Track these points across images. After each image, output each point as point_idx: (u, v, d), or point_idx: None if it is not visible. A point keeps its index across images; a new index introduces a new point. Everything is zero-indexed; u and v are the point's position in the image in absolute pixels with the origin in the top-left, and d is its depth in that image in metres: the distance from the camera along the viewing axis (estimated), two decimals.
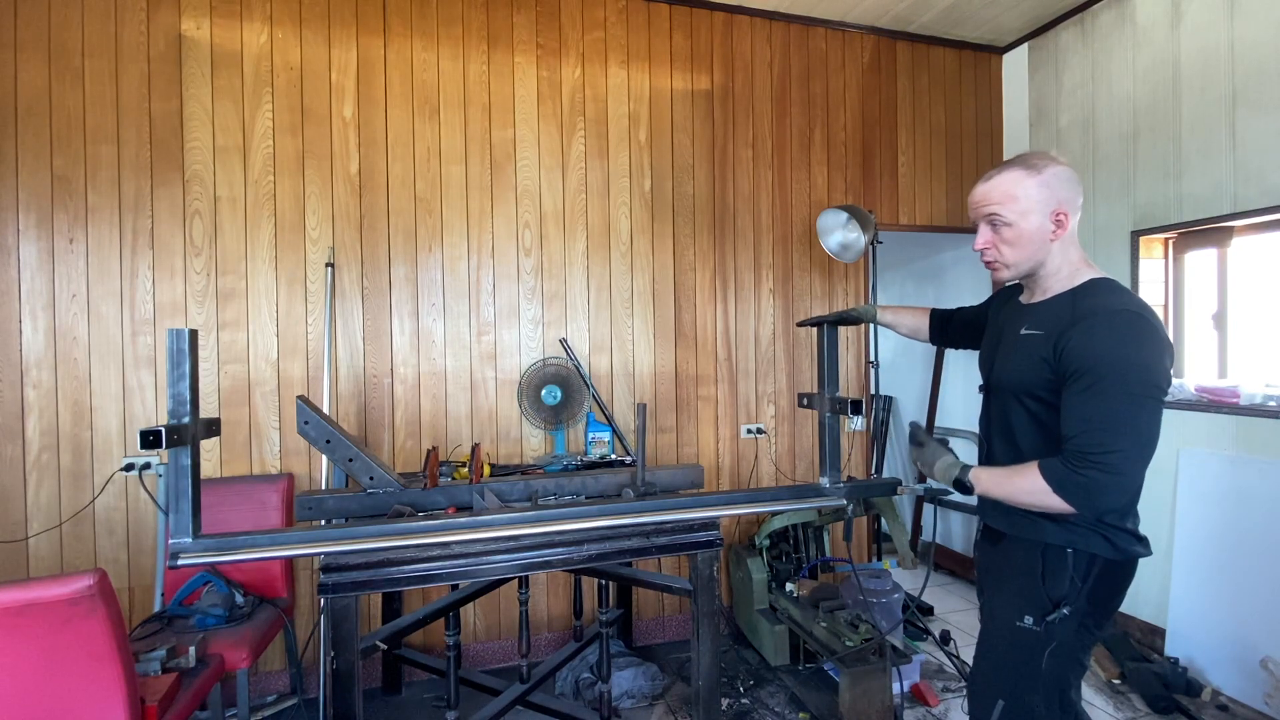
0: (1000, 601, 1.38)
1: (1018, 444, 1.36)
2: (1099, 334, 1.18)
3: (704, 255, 3.16)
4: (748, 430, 3.21)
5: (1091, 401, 1.17)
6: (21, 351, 2.37)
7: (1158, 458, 2.96)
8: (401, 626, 2.26)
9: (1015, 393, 1.34)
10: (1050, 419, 1.28)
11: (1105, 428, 1.15)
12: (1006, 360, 1.38)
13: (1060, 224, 1.30)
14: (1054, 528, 1.30)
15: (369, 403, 2.71)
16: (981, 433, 1.52)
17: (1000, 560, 1.42)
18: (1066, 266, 1.34)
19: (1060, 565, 1.29)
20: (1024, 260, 1.34)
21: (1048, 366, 1.25)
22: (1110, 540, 1.27)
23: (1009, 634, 1.33)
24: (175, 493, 1.46)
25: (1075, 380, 1.19)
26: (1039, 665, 1.29)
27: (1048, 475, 1.20)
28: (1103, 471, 1.15)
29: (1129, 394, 1.15)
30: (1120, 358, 1.15)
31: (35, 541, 2.38)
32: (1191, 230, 2.80)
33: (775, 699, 2.56)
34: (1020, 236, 1.31)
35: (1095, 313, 1.21)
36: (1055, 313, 1.30)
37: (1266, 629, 2.39)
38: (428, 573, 1.66)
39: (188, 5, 2.53)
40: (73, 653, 1.44)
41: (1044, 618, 1.29)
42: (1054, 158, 1.33)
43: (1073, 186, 1.32)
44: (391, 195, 2.74)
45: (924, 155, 3.53)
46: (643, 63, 3.06)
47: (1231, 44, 2.59)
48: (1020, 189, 1.30)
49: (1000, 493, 1.29)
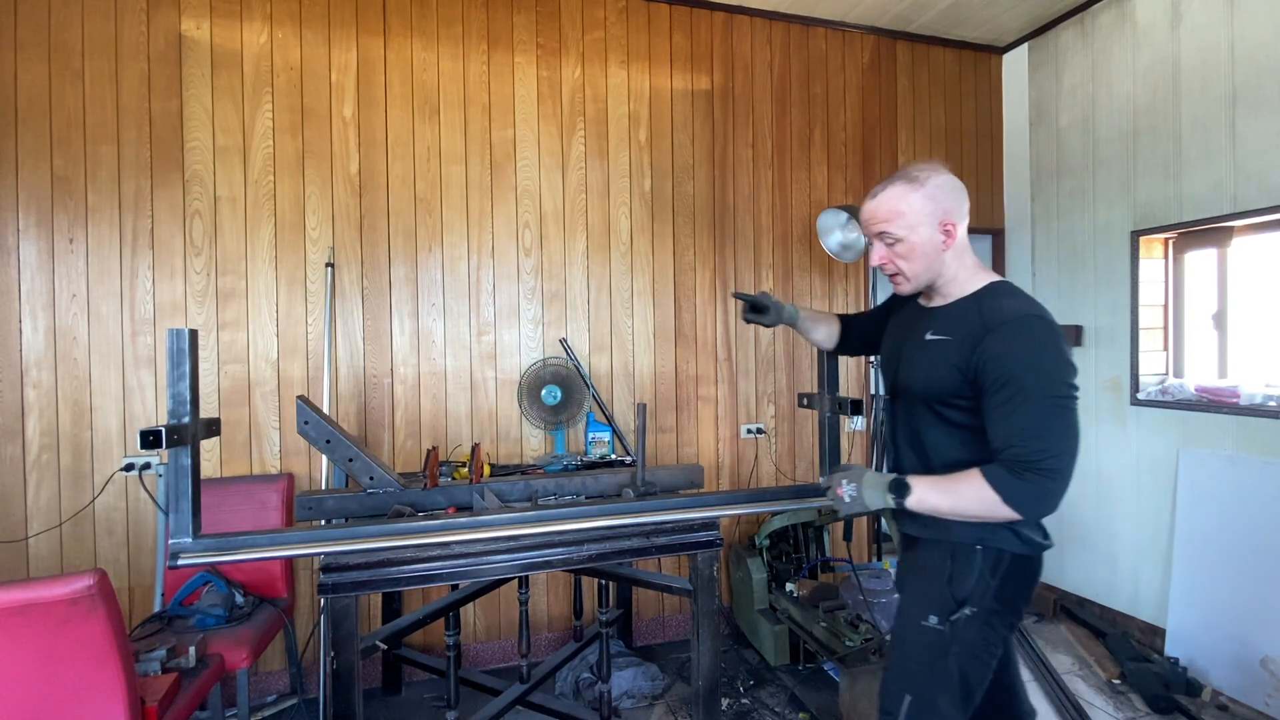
0: (908, 600, 1.40)
1: (925, 450, 1.35)
2: (1014, 342, 1.19)
3: (704, 255, 3.15)
4: (748, 430, 3.21)
5: (1021, 411, 1.17)
6: (21, 351, 2.37)
7: (1158, 458, 2.97)
8: (401, 626, 2.26)
9: (923, 399, 1.33)
10: (960, 421, 1.29)
11: (1040, 434, 1.16)
12: (914, 368, 1.36)
13: (949, 233, 1.32)
14: (962, 526, 1.29)
15: (369, 403, 2.71)
16: (889, 440, 1.50)
17: (912, 563, 1.44)
18: (963, 272, 1.36)
19: (969, 563, 1.30)
20: (922, 272, 1.35)
21: (960, 374, 1.25)
22: (1018, 535, 1.29)
23: (916, 632, 1.34)
24: (175, 493, 1.46)
25: (999, 390, 1.20)
26: (944, 664, 1.29)
27: (996, 485, 1.18)
28: (1048, 477, 1.15)
29: (1054, 399, 1.17)
30: (1039, 365, 1.18)
31: (35, 541, 2.38)
32: (1191, 230, 2.80)
33: (775, 699, 2.56)
34: (913, 250, 1.33)
35: (1005, 320, 1.22)
36: (962, 318, 1.30)
37: (1266, 629, 2.39)
38: (428, 573, 1.66)
39: (188, 5, 2.53)
40: (73, 653, 1.44)
41: (948, 617, 1.29)
42: (936, 168, 1.34)
43: (957, 195, 1.33)
44: (391, 195, 2.74)
45: (924, 155, 3.53)
46: (643, 63, 3.06)
47: (1231, 44, 2.59)
48: (905, 204, 1.31)
49: (945, 502, 1.24)
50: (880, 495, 1.29)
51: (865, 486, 1.31)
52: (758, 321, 1.75)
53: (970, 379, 1.24)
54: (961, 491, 1.22)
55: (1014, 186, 3.62)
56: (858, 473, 1.35)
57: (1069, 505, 3.26)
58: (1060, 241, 3.33)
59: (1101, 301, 3.11)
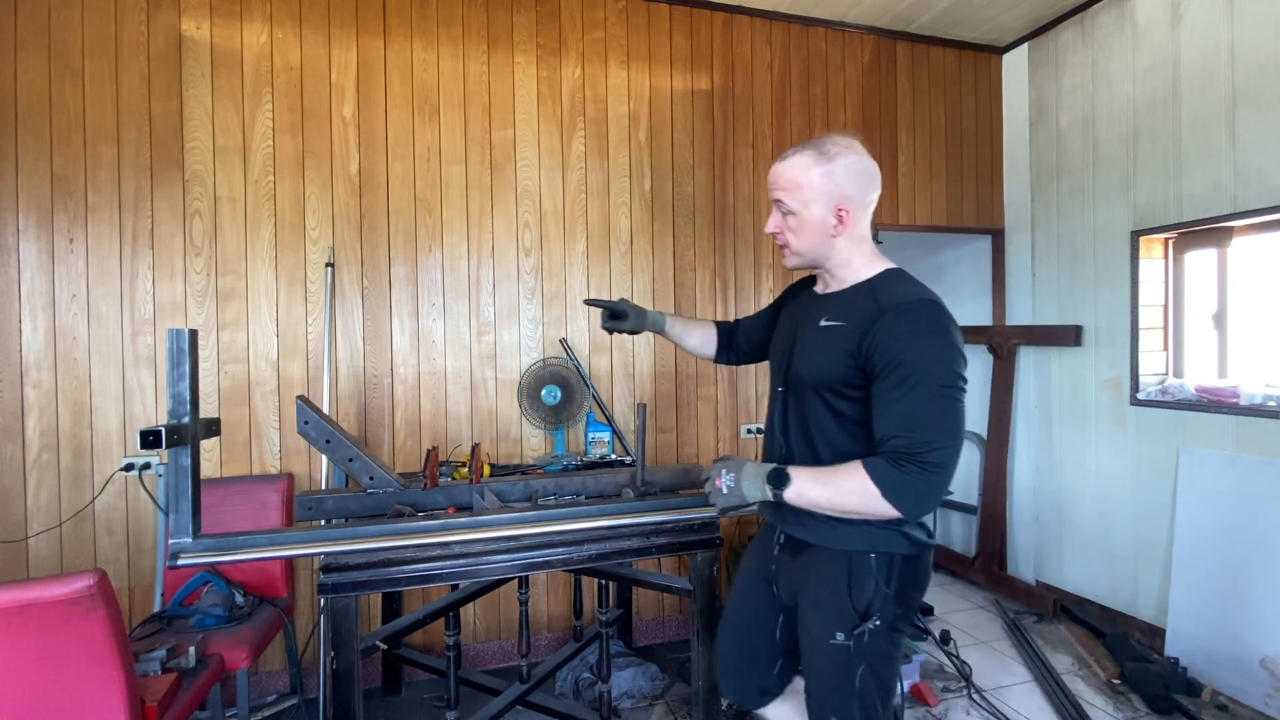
0: (814, 619, 1.31)
1: (816, 443, 1.28)
2: (906, 327, 1.14)
3: (704, 255, 3.15)
4: (748, 430, 3.21)
5: (908, 398, 1.12)
6: (21, 351, 2.37)
7: (1158, 458, 2.97)
8: (401, 626, 2.26)
9: (817, 388, 1.26)
10: (852, 414, 1.23)
11: (927, 425, 1.11)
12: (807, 355, 1.30)
13: (841, 220, 1.26)
14: (855, 533, 1.24)
15: (369, 403, 2.71)
16: (776, 435, 1.39)
17: (804, 572, 1.34)
18: (858, 259, 1.31)
19: (865, 572, 1.24)
20: (809, 250, 1.31)
21: (852, 359, 1.19)
22: (906, 536, 1.24)
23: (826, 654, 1.27)
24: (175, 493, 1.46)
25: (887, 376, 1.14)
26: (859, 677, 1.25)
27: (876, 478, 1.12)
28: (929, 471, 1.10)
29: (944, 387, 1.12)
30: (930, 351, 1.13)
31: (35, 541, 2.38)
32: (1191, 230, 2.80)
33: None
34: (803, 225, 1.28)
35: (899, 304, 1.17)
36: (856, 304, 1.25)
37: (1266, 629, 2.39)
38: (428, 573, 1.66)
39: (188, 5, 2.53)
40: (73, 653, 1.44)
41: (853, 631, 1.24)
42: (852, 146, 1.27)
43: (863, 180, 1.27)
44: (391, 195, 2.74)
45: (924, 155, 3.53)
46: (643, 63, 3.06)
47: (1231, 44, 2.59)
48: (805, 177, 1.26)
49: (823, 495, 1.17)
50: (759, 486, 1.22)
51: (744, 477, 1.24)
52: (617, 329, 1.68)
53: (862, 365, 1.18)
54: (841, 484, 1.15)
55: (1014, 186, 3.62)
56: (738, 463, 1.28)
57: (1069, 505, 3.27)
58: (1060, 241, 3.33)
59: (1101, 301, 3.11)
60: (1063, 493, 3.31)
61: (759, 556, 1.52)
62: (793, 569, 1.38)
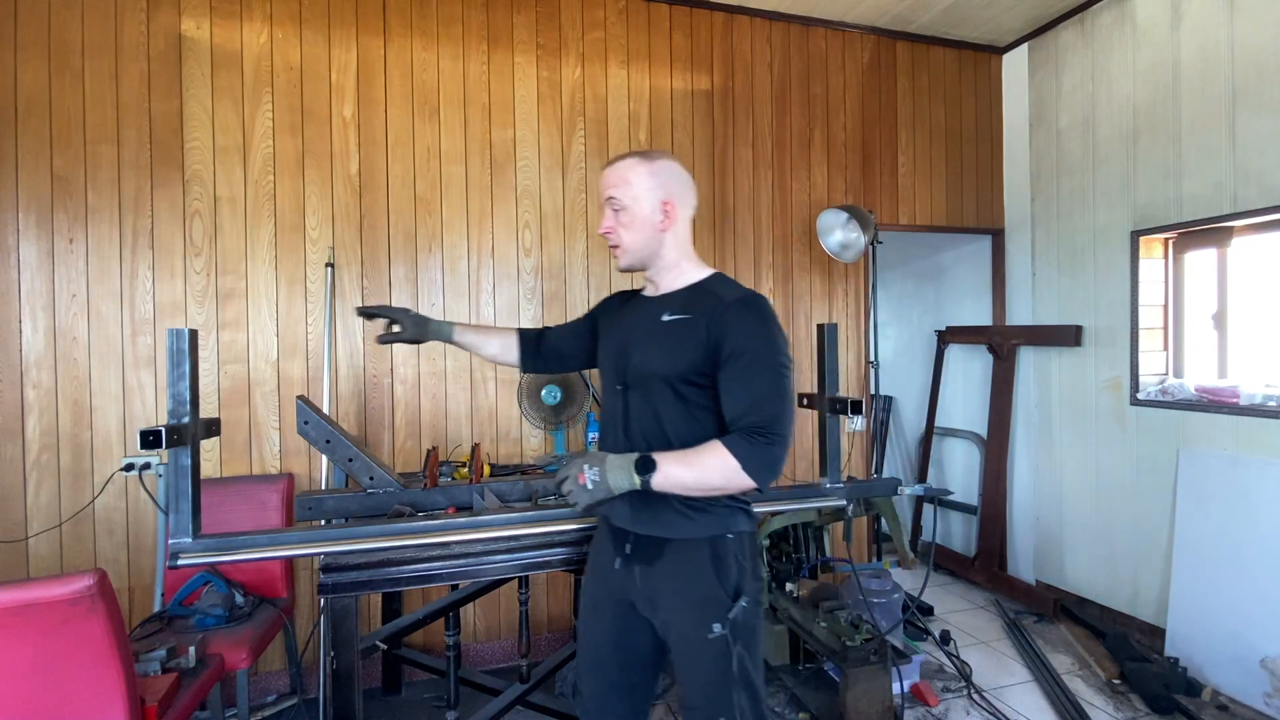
0: (687, 620, 1.31)
1: (666, 433, 1.32)
2: (750, 316, 1.27)
3: (704, 255, 3.14)
4: None
5: (755, 381, 1.24)
6: (21, 351, 2.37)
7: (1158, 458, 2.96)
8: (401, 626, 2.26)
9: (667, 379, 1.32)
10: (699, 400, 1.31)
11: (770, 400, 1.23)
12: (654, 349, 1.35)
13: (668, 214, 1.37)
14: (710, 519, 1.31)
15: (369, 403, 2.71)
16: (618, 433, 1.40)
17: (665, 576, 1.34)
18: (686, 262, 1.42)
19: (728, 554, 1.32)
20: (640, 246, 1.39)
21: (702, 347, 1.29)
22: (746, 512, 1.37)
23: (706, 648, 1.29)
24: (175, 493, 1.46)
25: (736, 359, 1.25)
26: (735, 663, 1.29)
27: (736, 453, 1.20)
28: (777, 443, 1.22)
29: (782, 368, 1.26)
30: (767, 337, 1.27)
31: (35, 541, 2.38)
32: (1191, 230, 2.80)
33: (775, 699, 2.56)
34: (634, 220, 1.37)
35: (739, 297, 1.31)
36: (697, 299, 1.35)
37: (1266, 629, 2.39)
38: (428, 573, 1.66)
39: (188, 5, 2.53)
40: (73, 653, 1.44)
41: (728, 617, 1.29)
42: (668, 154, 1.42)
43: (681, 181, 1.41)
44: (391, 195, 2.74)
45: (924, 155, 3.53)
46: (643, 63, 3.06)
47: (1231, 44, 2.59)
48: (634, 174, 1.37)
49: (689, 476, 1.23)
50: (626, 475, 1.24)
51: (609, 469, 1.25)
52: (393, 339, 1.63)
53: (710, 352, 1.28)
54: (705, 462, 1.22)
55: (1014, 186, 3.62)
56: (598, 457, 1.28)
57: (1069, 505, 3.27)
58: (1060, 241, 3.33)
59: (1101, 301, 3.11)
60: (1063, 493, 3.31)
61: (602, 578, 1.46)
62: (650, 575, 1.36)
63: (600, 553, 1.48)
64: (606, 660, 1.45)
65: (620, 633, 1.43)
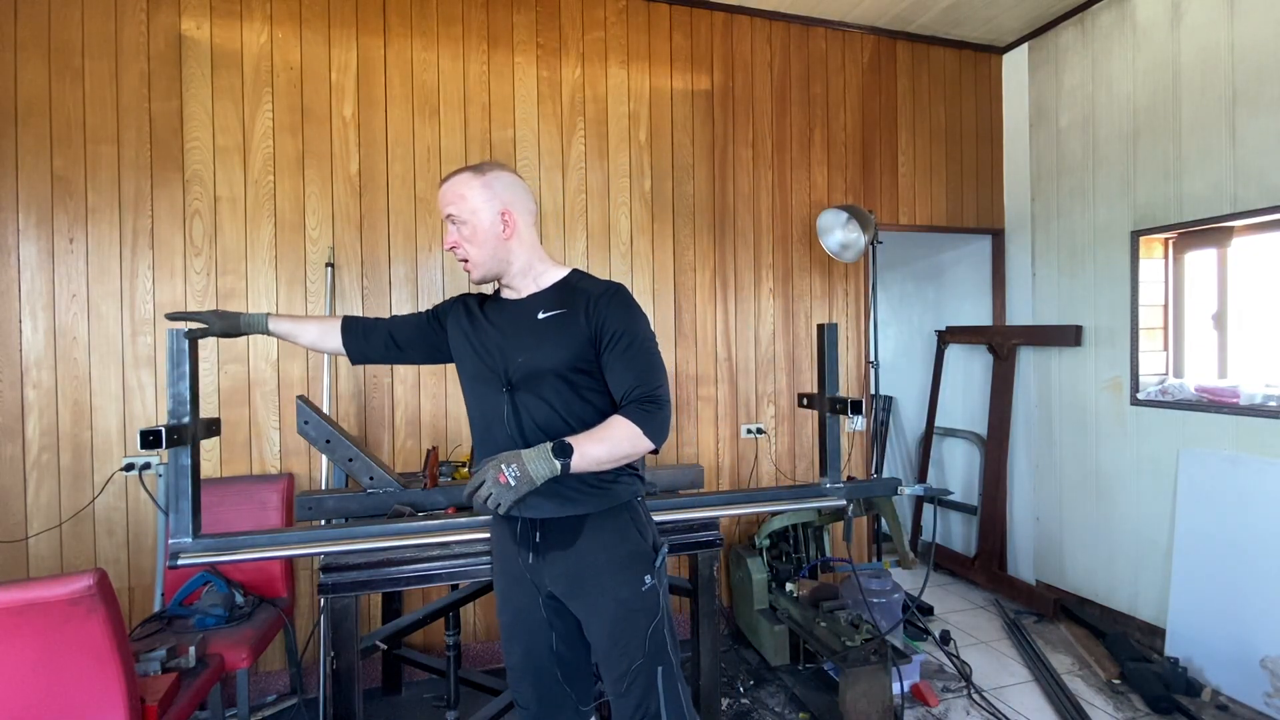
0: (617, 580, 1.39)
1: (565, 420, 1.38)
2: (620, 303, 1.40)
3: (704, 255, 3.15)
4: (748, 430, 3.21)
5: (639, 356, 1.37)
6: (21, 351, 2.37)
7: (1158, 458, 2.96)
8: (401, 626, 2.26)
9: (558, 371, 1.39)
10: (585, 384, 1.40)
11: (651, 372, 1.37)
12: (535, 346, 1.40)
13: (508, 223, 1.42)
14: (620, 488, 1.42)
15: (369, 403, 2.71)
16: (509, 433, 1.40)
17: (590, 550, 1.39)
18: (539, 264, 1.48)
19: (641, 515, 1.46)
20: (488, 258, 1.43)
21: (584, 337, 1.38)
22: (639, 476, 1.48)
23: (640, 603, 1.39)
24: (175, 493, 1.46)
25: (614, 344, 1.37)
26: (664, 611, 1.43)
27: (637, 421, 1.32)
28: (664, 405, 1.35)
29: (651, 342, 1.41)
30: (638, 319, 1.41)
31: (35, 541, 2.38)
32: (1191, 230, 2.80)
33: (775, 699, 2.56)
34: (476, 233, 1.41)
35: (605, 288, 1.42)
36: (564, 295, 1.43)
37: (1266, 629, 2.39)
38: (428, 573, 1.66)
39: (188, 5, 2.53)
40: (73, 653, 1.44)
41: (655, 566, 1.43)
42: (501, 165, 1.47)
43: (516, 190, 1.45)
44: (391, 195, 2.74)
45: (924, 155, 3.53)
46: (643, 63, 3.06)
47: (1231, 44, 2.59)
48: (467, 189, 1.41)
49: (603, 450, 1.31)
50: (546, 462, 1.26)
51: (528, 462, 1.26)
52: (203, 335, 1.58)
53: (591, 339, 1.38)
54: (614, 435, 1.31)
55: (1014, 186, 3.62)
56: (511, 455, 1.28)
57: (1069, 505, 3.27)
58: (1060, 241, 3.33)
59: (1101, 301, 3.11)
60: (1063, 493, 3.31)
61: (516, 581, 1.46)
62: (567, 557, 1.40)
63: (506, 557, 1.47)
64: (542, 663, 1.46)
65: (551, 629, 1.45)
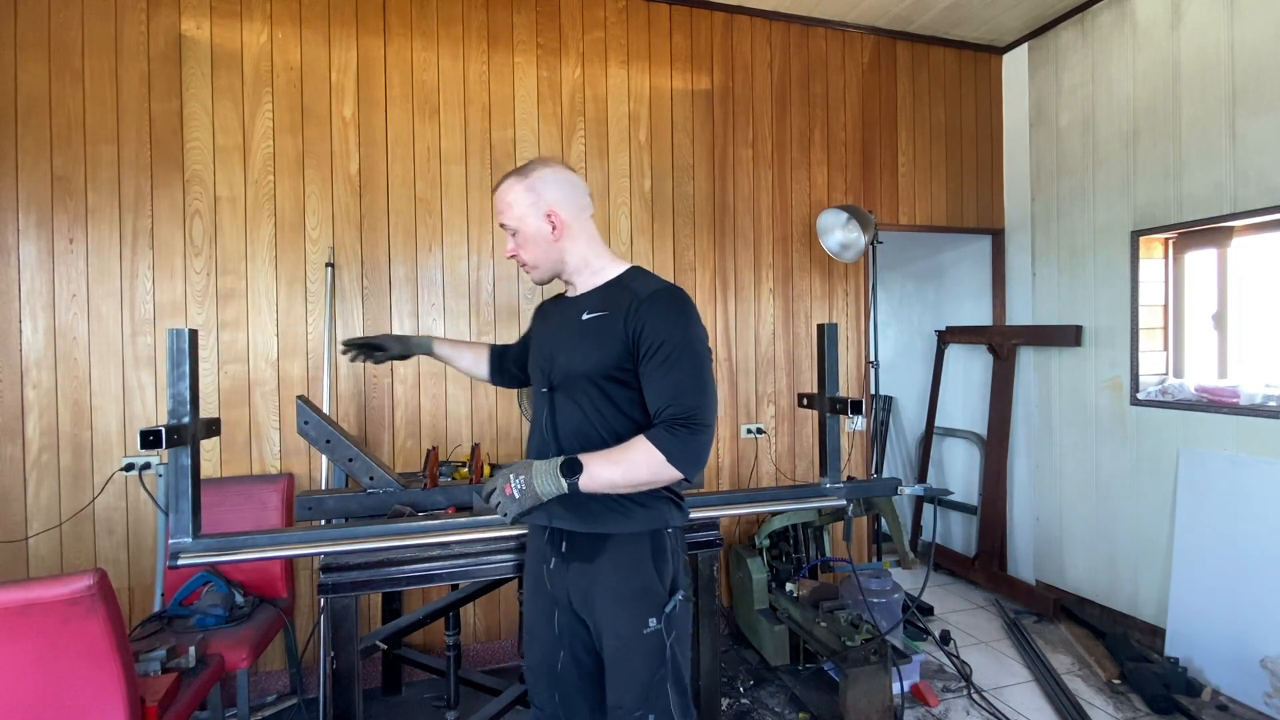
0: (622, 615, 1.30)
1: (598, 430, 1.31)
2: (665, 308, 1.27)
3: (704, 255, 3.15)
4: (748, 430, 3.21)
5: (674, 372, 1.24)
6: (21, 351, 2.37)
7: (1158, 457, 2.97)
8: (401, 626, 2.26)
9: (591, 377, 1.31)
10: (625, 396, 1.31)
11: (691, 391, 1.23)
12: (577, 348, 1.34)
13: (555, 224, 1.37)
14: (649, 514, 1.31)
15: (369, 403, 2.71)
16: (545, 436, 1.39)
17: (605, 572, 1.32)
18: (597, 260, 1.41)
19: (665, 548, 1.33)
20: (541, 260, 1.40)
21: (621, 343, 1.29)
22: (678, 505, 1.36)
23: (639, 644, 1.28)
24: (175, 493, 1.46)
25: (653, 354, 1.25)
26: (670, 659, 1.31)
27: (661, 446, 1.20)
28: (701, 432, 1.22)
29: (701, 357, 1.27)
30: (685, 329, 1.27)
31: (35, 541, 2.38)
32: (1191, 230, 2.80)
33: (775, 699, 2.56)
34: (526, 239, 1.39)
35: (654, 290, 1.30)
36: (612, 295, 1.35)
37: (1266, 629, 2.39)
38: (428, 573, 1.66)
39: (188, 5, 2.53)
40: (72, 653, 1.44)
41: (663, 611, 1.30)
42: (546, 161, 1.39)
43: (563, 187, 1.38)
44: (391, 195, 2.74)
45: (924, 155, 3.53)
46: (643, 63, 3.06)
47: (1231, 44, 2.59)
48: (512, 195, 1.37)
49: (616, 473, 1.22)
50: (553, 479, 1.23)
51: (535, 475, 1.24)
52: (383, 359, 1.71)
53: (630, 346, 1.28)
54: (631, 458, 1.22)
55: (1014, 186, 3.62)
56: (523, 465, 1.27)
57: (1069, 505, 3.27)
58: (1060, 241, 3.33)
59: (1101, 301, 3.11)
60: (1063, 492, 3.31)
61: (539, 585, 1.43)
62: (586, 572, 1.34)
63: (534, 558, 1.46)
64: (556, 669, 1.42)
65: (571, 636, 1.40)
